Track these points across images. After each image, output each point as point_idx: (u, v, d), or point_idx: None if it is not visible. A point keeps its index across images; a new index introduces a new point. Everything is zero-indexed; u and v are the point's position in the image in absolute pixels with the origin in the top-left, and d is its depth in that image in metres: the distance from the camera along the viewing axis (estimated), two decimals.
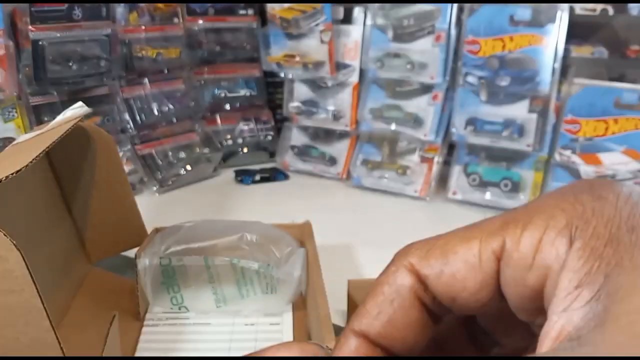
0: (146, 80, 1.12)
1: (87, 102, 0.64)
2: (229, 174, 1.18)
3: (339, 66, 1.12)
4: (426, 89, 1.06)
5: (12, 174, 0.40)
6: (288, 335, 0.61)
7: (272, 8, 1.14)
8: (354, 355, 0.18)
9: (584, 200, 0.17)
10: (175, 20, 1.16)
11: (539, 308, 0.17)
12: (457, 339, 0.22)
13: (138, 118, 1.10)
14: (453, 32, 1.00)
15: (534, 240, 0.17)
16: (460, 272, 0.18)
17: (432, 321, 0.19)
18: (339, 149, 1.17)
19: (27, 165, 0.42)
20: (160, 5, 1.14)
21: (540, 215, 0.17)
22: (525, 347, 0.20)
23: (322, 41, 1.10)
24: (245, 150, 1.25)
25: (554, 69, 0.92)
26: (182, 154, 1.13)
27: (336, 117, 1.15)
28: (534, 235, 0.17)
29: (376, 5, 1.06)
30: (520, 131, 0.95)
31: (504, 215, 0.18)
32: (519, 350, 0.20)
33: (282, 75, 1.20)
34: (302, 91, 1.20)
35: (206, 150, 1.16)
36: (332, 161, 1.16)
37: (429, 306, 0.19)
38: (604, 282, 0.15)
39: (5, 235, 0.37)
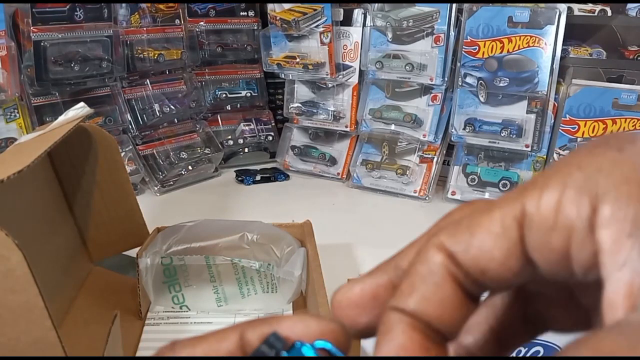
0: (148, 81, 1.13)
1: (89, 102, 0.64)
2: (229, 174, 1.19)
3: (339, 67, 1.12)
4: (425, 90, 1.06)
5: (14, 174, 0.40)
6: None
7: (272, 10, 1.14)
8: (401, 328, 0.17)
9: (600, 153, 0.16)
10: (177, 21, 1.16)
11: (569, 270, 0.17)
12: (511, 322, 0.21)
13: (140, 119, 1.11)
14: (452, 33, 1.01)
15: (553, 200, 0.16)
16: (485, 244, 0.17)
17: (469, 300, 0.18)
18: (339, 149, 1.18)
19: (29, 166, 0.42)
20: (162, 6, 1.14)
21: (557, 176, 0.17)
22: (574, 323, 0.20)
23: (322, 42, 1.11)
24: (246, 150, 1.26)
25: (552, 70, 0.93)
26: (184, 154, 1.13)
27: (336, 117, 1.15)
28: (553, 196, 0.16)
29: (376, 6, 1.07)
30: (519, 132, 0.96)
31: (523, 184, 0.18)
32: (567, 328, 0.20)
33: (282, 76, 1.20)
34: (302, 92, 1.20)
35: (207, 150, 1.17)
36: (332, 161, 1.17)
37: (462, 283, 0.18)
38: None
39: (7, 235, 0.38)
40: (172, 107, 1.14)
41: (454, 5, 1.00)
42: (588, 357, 0.13)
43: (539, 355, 0.47)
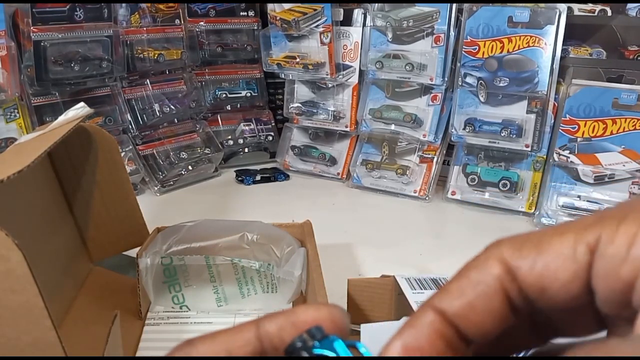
0: (148, 81, 1.13)
1: (89, 102, 0.64)
2: (229, 174, 1.19)
3: (339, 67, 1.12)
4: (425, 89, 1.06)
5: (14, 174, 0.40)
6: None
7: (272, 10, 1.14)
8: (428, 329, 0.18)
9: None
10: (177, 21, 1.16)
11: (627, 301, 0.17)
12: (519, 327, 0.21)
13: (140, 119, 1.11)
14: (452, 33, 1.01)
15: (629, 234, 0.17)
16: (553, 263, 0.18)
17: (512, 313, 0.19)
18: (339, 149, 1.18)
19: (29, 166, 0.42)
20: (162, 6, 1.14)
21: (636, 212, 0.17)
22: (585, 331, 0.20)
23: (322, 42, 1.11)
24: (246, 150, 1.26)
25: (552, 70, 0.93)
26: (184, 154, 1.13)
27: (336, 117, 1.15)
28: (629, 230, 0.17)
29: (376, 6, 1.07)
30: (519, 132, 0.96)
31: (598, 213, 0.18)
32: (577, 335, 0.20)
33: (282, 76, 1.20)
34: (302, 92, 1.20)
35: (207, 150, 1.17)
36: (332, 161, 1.17)
37: (512, 298, 0.18)
38: None
39: (7, 235, 0.38)
40: (172, 107, 1.14)
41: (454, 5, 1.00)
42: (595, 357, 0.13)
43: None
